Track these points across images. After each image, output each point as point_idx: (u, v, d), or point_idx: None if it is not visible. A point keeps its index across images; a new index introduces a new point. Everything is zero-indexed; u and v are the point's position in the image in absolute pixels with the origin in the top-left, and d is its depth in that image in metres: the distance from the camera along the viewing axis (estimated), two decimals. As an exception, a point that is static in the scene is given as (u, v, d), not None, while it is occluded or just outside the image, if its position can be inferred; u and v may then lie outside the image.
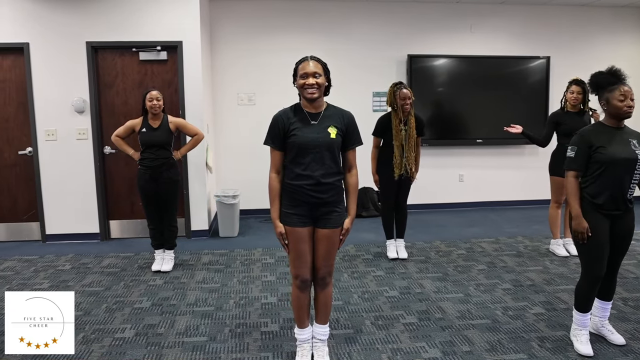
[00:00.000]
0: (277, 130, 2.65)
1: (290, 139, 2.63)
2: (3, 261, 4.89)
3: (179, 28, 5.37)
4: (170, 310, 3.67)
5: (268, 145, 2.70)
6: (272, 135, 2.68)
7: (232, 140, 6.58)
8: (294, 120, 2.64)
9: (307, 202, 2.65)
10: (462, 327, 3.34)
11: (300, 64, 2.64)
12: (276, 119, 2.68)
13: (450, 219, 6.50)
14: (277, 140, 2.67)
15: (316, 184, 2.63)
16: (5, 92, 5.43)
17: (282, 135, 2.65)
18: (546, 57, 6.83)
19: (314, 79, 2.59)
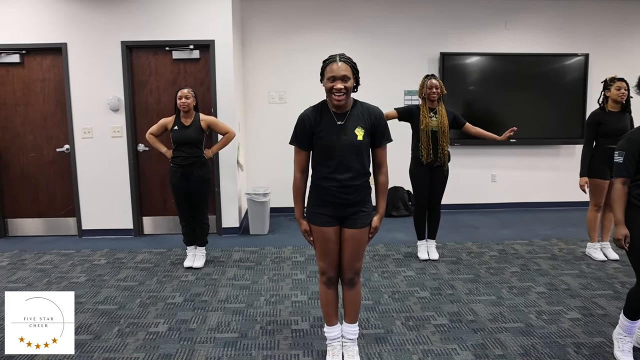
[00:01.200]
0: (303, 130, 2.63)
1: (317, 141, 2.61)
2: (42, 254, 5.04)
3: (212, 27, 5.43)
4: (202, 306, 3.72)
5: (293, 145, 2.69)
6: (297, 135, 2.66)
7: (263, 139, 6.62)
8: (320, 121, 2.61)
9: (333, 202, 2.64)
10: (494, 330, 3.29)
11: (328, 65, 2.55)
12: (302, 119, 2.64)
13: (482, 219, 6.40)
14: (302, 140, 2.64)
15: (343, 187, 2.61)
16: (44, 91, 5.58)
17: (308, 136, 2.62)
18: (584, 54, 6.64)
19: (342, 84, 2.51)
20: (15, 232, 5.81)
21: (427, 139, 4.45)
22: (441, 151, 4.48)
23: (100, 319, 3.51)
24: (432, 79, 4.46)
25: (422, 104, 4.53)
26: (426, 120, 4.44)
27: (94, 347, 3.10)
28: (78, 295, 3.95)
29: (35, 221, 5.79)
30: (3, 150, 5.65)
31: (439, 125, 4.45)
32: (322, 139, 2.59)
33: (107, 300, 3.87)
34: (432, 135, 4.45)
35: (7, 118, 5.61)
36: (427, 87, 4.44)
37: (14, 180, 5.71)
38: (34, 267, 4.68)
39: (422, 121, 4.46)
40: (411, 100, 6.62)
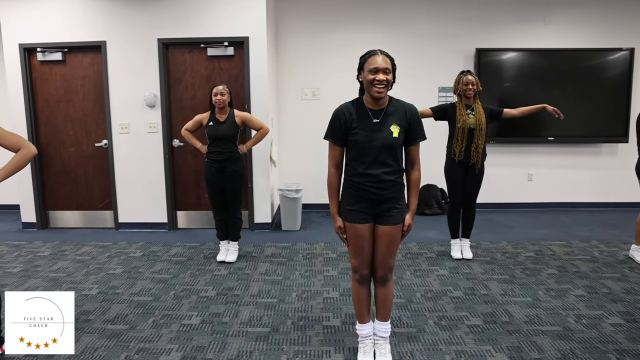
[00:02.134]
0: (339, 125, 2.61)
1: (352, 137, 2.59)
2: (81, 246, 5.18)
3: (246, 24, 5.46)
4: (234, 300, 3.75)
5: (328, 140, 2.68)
6: (332, 130, 2.64)
7: (295, 135, 6.63)
8: (356, 118, 2.59)
9: (368, 198, 2.62)
10: (530, 332, 3.20)
11: (369, 57, 2.54)
12: (337, 114, 2.62)
13: (517, 219, 6.26)
14: (337, 136, 2.63)
15: (377, 182, 2.59)
16: (84, 88, 5.72)
17: (343, 131, 2.61)
18: (629, 48, 6.39)
19: (384, 75, 2.50)
20: (56, 223, 5.99)
21: (462, 136, 4.37)
22: (475, 149, 4.39)
23: (136, 310, 3.58)
24: (467, 75, 4.38)
25: (458, 100, 4.45)
26: (463, 118, 4.36)
27: (130, 337, 3.17)
28: (114, 286, 4.05)
29: (75, 213, 5.95)
30: (45, 145, 5.83)
31: (477, 122, 4.36)
32: (358, 135, 2.57)
33: (143, 291, 3.94)
34: (468, 132, 4.37)
35: (50, 114, 5.78)
36: (463, 83, 4.36)
37: (55, 174, 5.88)
38: (73, 257, 4.81)
39: (459, 119, 4.38)
40: (445, 97, 6.53)
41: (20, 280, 4.24)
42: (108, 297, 3.85)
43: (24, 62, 5.62)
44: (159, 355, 2.96)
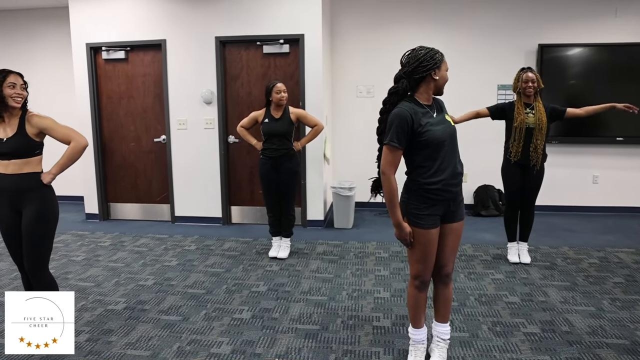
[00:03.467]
0: (406, 129, 2.48)
1: (424, 135, 2.48)
2: (139, 237, 5.36)
3: (302, 22, 5.47)
4: (285, 296, 3.77)
5: (393, 145, 2.47)
6: (399, 134, 2.47)
7: (349, 132, 6.59)
8: (421, 116, 2.51)
9: (443, 199, 2.55)
10: (593, 344, 3.03)
11: (444, 58, 2.58)
12: (404, 117, 2.46)
13: (580, 223, 5.96)
14: (404, 140, 2.50)
15: (453, 177, 2.54)
16: (145, 85, 5.91)
17: (410, 133, 2.49)
18: None
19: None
20: (116, 215, 6.23)
21: (520, 136, 4.21)
22: (534, 150, 4.20)
23: (189, 302, 3.66)
24: (528, 72, 4.21)
25: (517, 99, 4.29)
26: (521, 117, 4.19)
27: (183, 328, 3.24)
28: (169, 278, 4.16)
29: (134, 206, 6.16)
30: (107, 140, 6.06)
31: (537, 121, 4.18)
32: (430, 132, 2.48)
33: (196, 284, 4.02)
34: (527, 132, 4.20)
35: (112, 110, 6.00)
36: (523, 80, 4.20)
37: (116, 168, 6.11)
38: (132, 249, 4.98)
39: (516, 117, 4.22)
40: (505, 95, 6.30)
41: (83, 268, 4.44)
42: (163, 288, 3.95)
43: (90, 60, 5.87)
44: (209, 347, 3.01)
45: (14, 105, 2.80)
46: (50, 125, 2.87)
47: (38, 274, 2.91)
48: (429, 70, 2.51)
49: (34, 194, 2.85)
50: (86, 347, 3.01)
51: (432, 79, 2.53)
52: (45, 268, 2.94)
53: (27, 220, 2.85)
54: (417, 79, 2.54)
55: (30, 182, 2.84)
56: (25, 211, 2.86)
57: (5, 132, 2.80)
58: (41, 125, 2.85)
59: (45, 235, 2.90)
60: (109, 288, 3.97)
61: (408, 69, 2.54)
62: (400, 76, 2.58)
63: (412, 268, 2.68)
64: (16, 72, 2.83)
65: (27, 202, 2.85)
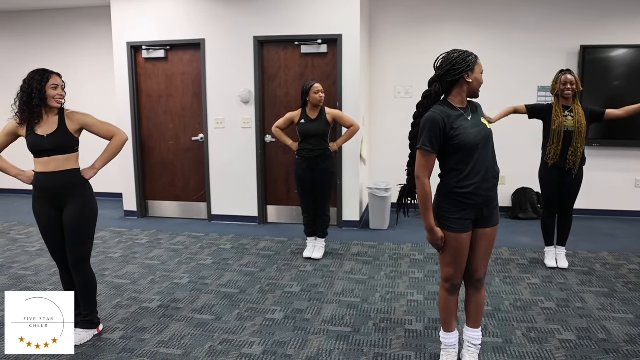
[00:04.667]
0: (439, 132, 2.45)
1: (456, 139, 2.45)
2: (176, 235, 5.43)
3: (339, 22, 5.44)
4: (318, 297, 3.75)
5: (426, 149, 2.46)
6: (432, 137, 2.45)
7: (386, 133, 6.50)
8: (454, 119, 2.47)
9: (476, 204, 2.51)
10: (631, 353, 2.90)
11: (478, 60, 2.54)
12: (436, 120, 2.45)
13: (621, 228, 5.72)
14: (437, 144, 2.47)
15: (485, 180, 2.50)
16: (184, 84, 5.99)
17: (442, 137, 2.46)
18: None
19: None
20: (154, 213, 6.34)
21: (558, 139, 4.09)
22: (573, 153, 4.08)
23: (223, 301, 3.68)
24: (567, 74, 4.09)
25: (555, 101, 4.17)
26: (559, 120, 4.08)
27: (215, 328, 3.26)
28: (204, 277, 4.20)
29: (172, 204, 6.26)
30: (146, 138, 6.17)
31: (576, 124, 4.06)
32: (463, 135, 2.45)
33: (230, 283, 4.05)
34: (565, 135, 4.08)
35: (152, 109, 6.11)
36: (561, 82, 4.08)
37: (155, 166, 6.22)
38: (168, 246, 5.05)
39: (554, 120, 4.11)
40: (545, 97, 6.09)
41: (120, 265, 4.52)
42: (197, 286, 3.99)
43: (130, 59, 5.99)
44: (241, 347, 3.01)
45: (56, 106, 2.88)
46: (92, 122, 2.97)
47: (81, 269, 3.00)
48: (462, 73, 2.47)
49: (75, 191, 2.93)
50: (120, 344, 3.06)
51: (466, 82, 2.50)
52: (87, 263, 3.04)
53: (70, 218, 2.92)
54: (450, 82, 2.51)
55: (72, 178, 2.92)
56: (67, 209, 2.92)
57: (45, 129, 2.86)
58: (83, 122, 2.94)
59: (88, 231, 2.99)
60: (145, 286, 4.03)
61: (441, 72, 2.52)
62: (434, 79, 2.56)
63: (443, 271, 2.65)
64: (56, 73, 2.91)
65: (68, 199, 2.92)
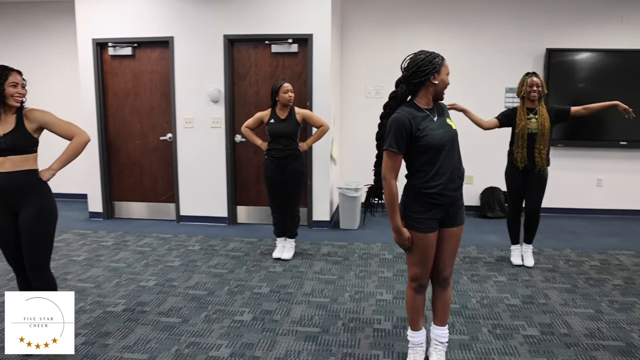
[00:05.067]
0: (405, 133, 2.49)
1: (423, 140, 2.49)
2: (143, 237, 5.38)
3: (310, 21, 5.46)
4: (287, 298, 3.78)
5: (392, 150, 2.49)
6: (399, 139, 2.48)
7: (357, 133, 6.56)
8: (420, 120, 2.52)
9: (442, 204, 2.56)
10: (590, 346, 3.03)
11: (445, 62, 2.57)
12: (402, 122, 2.48)
13: (584, 226, 5.94)
14: (403, 145, 2.51)
15: (451, 181, 2.54)
16: (152, 82, 5.92)
17: (408, 138, 2.50)
18: None
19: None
20: (120, 214, 6.25)
21: (522, 142, 4.21)
22: (538, 154, 4.20)
23: (190, 304, 3.67)
24: (533, 77, 4.20)
25: (520, 104, 4.28)
26: (523, 122, 4.19)
27: (182, 331, 3.25)
28: (171, 279, 4.17)
29: (139, 205, 6.18)
30: (113, 137, 6.08)
31: (539, 127, 4.18)
32: (429, 136, 2.49)
33: (198, 285, 4.03)
34: (528, 137, 4.19)
35: (118, 107, 6.02)
36: (528, 85, 4.19)
37: (121, 166, 6.13)
38: (135, 248, 5.00)
39: (518, 123, 4.22)
40: (513, 98, 6.27)
41: (83, 268, 4.44)
42: (164, 289, 3.96)
43: (96, 56, 5.87)
44: (208, 350, 3.01)
45: (15, 105, 2.74)
46: (51, 120, 2.81)
47: (39, 274, 2.85)
48: (428, 75, 2.51)
49: (32, 192, 2.78)
50: (82, 351, 2.99)
51: (432, 84, 2.53)
52: (46, 268, 2.89)
53: (26, 221, 2.77)
54: (416, 84, 2.54)
55: (28, 179, 2.77)
56: (23, 211, 2.78)
57: (2, 128, 2.72)
58: (42, 120, 2.79)
59: (47, 235, 2.84)
60: (109, 289, 3.96)
61: (407, 74, 2.54)
62: (400, 80, 2.59)
63: (411, 271, 2.70)
64: (16, 70, 2.77)
65: (24, 201, 2.77)
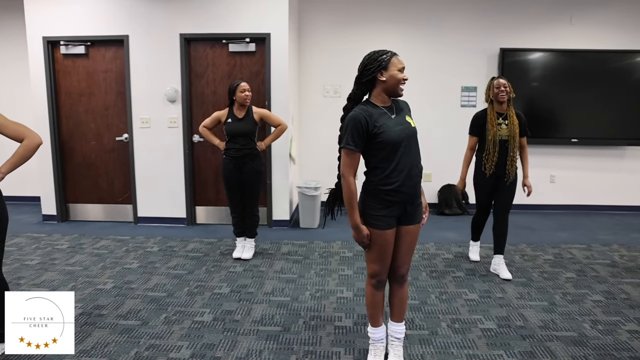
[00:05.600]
0: (362, 130, 2.50)
1: (380, 137, 2.50)
2: (99, 239, 5.25)
3: (268, 20, 5.45)
4: (247, 297, 3.77)
5: (350, 148, 2.51)
6: (355, 136, 2.50)
7: (316, 132, 6.61)
8: (377, 118, 2.54)
9: (399, 201, 2.58)
10: (544, 337, 3.15)
11: (393, 57, 2.54)
12: (358, 119, 2.50)
13: (538, 221, 6.16)
14: (360, 142, 2.52)
15: (407, 178, 2.56)
16: (106, 81, 5.79)
17: (365, 136, 2.52)
18: (656, 50, 6.23)
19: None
20: (76, 216, 6.09)
21: (494, 148, 4.07)
22: (510, 162, 4.10)
23: (149, 306, 3.62)
24: (499, 78, 4.11)
25: (490, 109, 4.15)
26: (494, 129, 4.05)
27: (141, 333, 3.20)
28: (129, 281, 4.10)
29: (95, 207, 6.04)
30: (67, 138, 5.92)
31: (510, 133, 4.06)
32: (385, 134, 2.50)
33: (157, 287, 3.98)
34: (500, 145, 4.07)
35: (72, 107, 5.86)
36: (495, 86, 4.07)
37: (76, 167, 5.97)
38: (91, 251, 4.88)
39: (489, 130, 4.07)
40: (468, 96, 6.44)
41: (37, 273, 4.31)
42: (122, 292, 3.89)
43: (47, 55, 5.70)
44: (168, 352, 2.98)
45: None
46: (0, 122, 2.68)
47: None
48: (374, 73, 2.54)
49: None
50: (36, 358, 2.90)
51: (380, 81, 2.55)
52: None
53: None
54: (365, 83, 2.58)
55: None
56: None
57: None
58: None
59: None
60: (65, 293, 3.87)
61: (358, 74, 2.60)
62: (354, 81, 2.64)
63: (369, 268, 2.72)
64: None
65: None
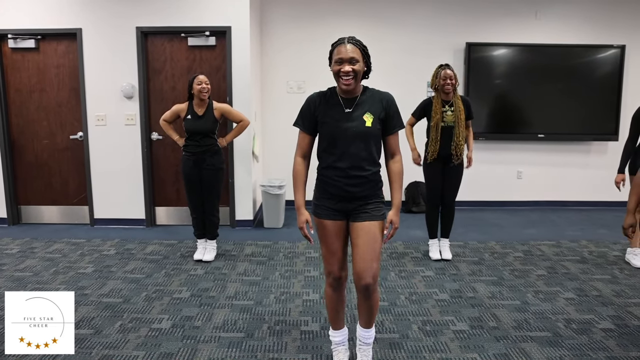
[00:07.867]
0: (309, 112, 2.49)
1: (322, 127, 2.46)
2: (53, 243, 4.96)
3: (228, 13, 5.25)
4: (208, 302, 3.57)
5: (297, 127, 2.55)
6: (303, 116, 2.53)
7: (280, 129, 6.42)
8: (325, 107, 2.45)
9: (336, 194, 2.47)
10: (518, 338, 3.06)
11: (336, 47, 2.41)
12: (309, 101, 2.51)
13: (506, 218, 6.12)
14: (307, 123, 2.50)
15: (346, 177, 2.43)
16: (59, 77, 5.49)
17: (312, 119, 2.48)
18: (621, 45, 6.28)
19: (350, 66, 2.35)
20: (28, 219, 5.75)
21: (436, 134, 4.21)
22: (455, 147, 4.22)
23: (103, 313, 3.38)
24: (446, 69, 4.19)
25: (436, 96, 4.27)
26: (438, 116, 4.20)
27: (94, 343, 2.97)
28: (83, 287, 3.85)
29: (49, 209, 5.72)
30: (17, 136, 5.58)
31: (457, 119, 4.20)
32: (327, 125, 2.44)
33: (112, 293, 3.74)
34: (445, 130, 4.20)
35: (22, 104, 5.53)
36: (441, 77, 4.17)
37: (28, 167, 5.63)
38: (43, 255, 4.59)
39: (433, 117, 4.21)
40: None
41: (-18, 279, 4.01)
42: (75, 298, 3.59)
43: (-6, 49, 5.37)
44: (122, 363, 2.77)
45: None
46: None
47: None
48: (330, 65, 2.45)
49: None
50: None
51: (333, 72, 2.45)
52: None
53: None
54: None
55: None
56: None
57: None
58: None
59: None
60: (12, 301, 3.59)
61: None
62: None
63: (324, 265, 2.60)
64: None
65: None
